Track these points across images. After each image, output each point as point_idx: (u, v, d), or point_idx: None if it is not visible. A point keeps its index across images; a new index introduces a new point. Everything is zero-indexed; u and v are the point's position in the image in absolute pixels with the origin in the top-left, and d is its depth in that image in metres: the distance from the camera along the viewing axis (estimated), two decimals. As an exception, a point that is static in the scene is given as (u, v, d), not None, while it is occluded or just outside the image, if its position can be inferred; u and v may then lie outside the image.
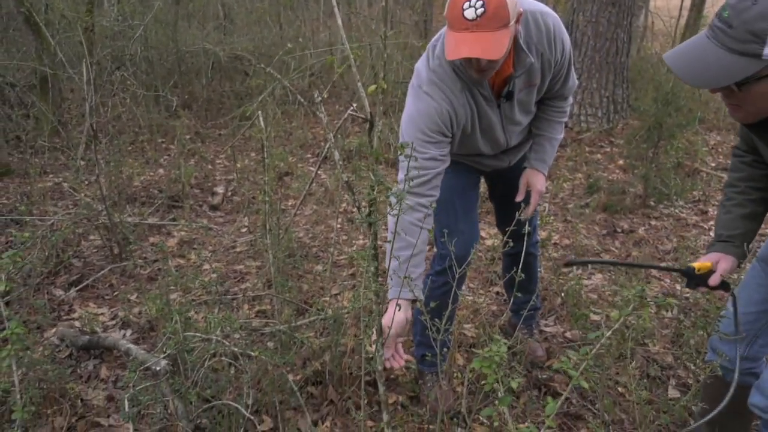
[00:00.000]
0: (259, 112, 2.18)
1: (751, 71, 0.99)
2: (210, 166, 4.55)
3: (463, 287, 2.84)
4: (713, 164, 4.65)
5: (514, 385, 0.90)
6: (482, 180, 2.08)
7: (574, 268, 3.08)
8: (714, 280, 1.38)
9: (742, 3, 0.97)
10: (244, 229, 3.50)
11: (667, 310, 2.70)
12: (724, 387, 1.55)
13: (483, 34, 1.36)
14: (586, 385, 0.92)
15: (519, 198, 1.87)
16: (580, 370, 0.88)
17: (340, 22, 1.16)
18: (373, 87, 1.32)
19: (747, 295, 1.51)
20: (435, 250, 1.99)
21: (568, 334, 2.54)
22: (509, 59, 1.59)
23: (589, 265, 3.15)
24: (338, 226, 3.40)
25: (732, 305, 1.43)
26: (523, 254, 1.68)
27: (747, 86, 1.03)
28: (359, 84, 1.19)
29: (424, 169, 1.57)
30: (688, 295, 2.81)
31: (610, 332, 0.90)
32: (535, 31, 1.58)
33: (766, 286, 1.46)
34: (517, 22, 1.48)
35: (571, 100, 1.90)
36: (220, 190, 4.08)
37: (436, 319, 1.44)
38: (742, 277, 1.55)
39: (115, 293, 2.80)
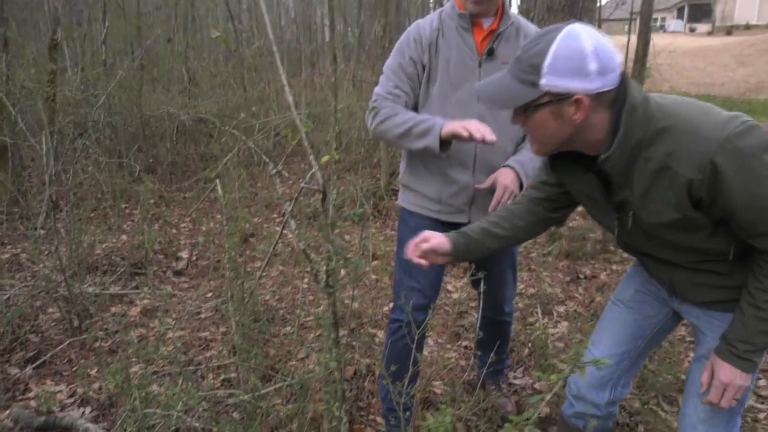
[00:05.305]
0: (217, 180, 2.21)
1: (531, 97, 1.18)
2: (174, 231, 4.52)
3: (430, 341, 2.84)
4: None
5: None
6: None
7: (540, 315, 3.12)
8: (420, 244, 1.48)
9: (529, 44, 1.18)
10: (209, 294, 3.45)
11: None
12: None
13: None
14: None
15: (482, 187, 1.79)
16: (527, 436, 0.89)
17: (290, 98, 1.21)
18: (326, 158, 1.36)
19: (610, 337, 1.55)
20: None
21: (537, 386, 2.55)
22: (497, 18, 1.77)
23: (556, 315, 3.19)
24: (305, 286, 3.39)
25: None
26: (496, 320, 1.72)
27: (530, 112, 1.20)
28: (311, 157, 1.23)
29: (382, 97, 1.80)
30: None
31: (549, 396, 0.93)
32: (524, 21, 1.81)
33: (629, 326, 1.52)
34: None
35: None
36: (184, 254, 4.04)
37: (398, 382, 1.44)
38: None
39: (74, 368, 2.70)
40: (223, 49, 9.20)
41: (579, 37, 1.12)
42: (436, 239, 1.48)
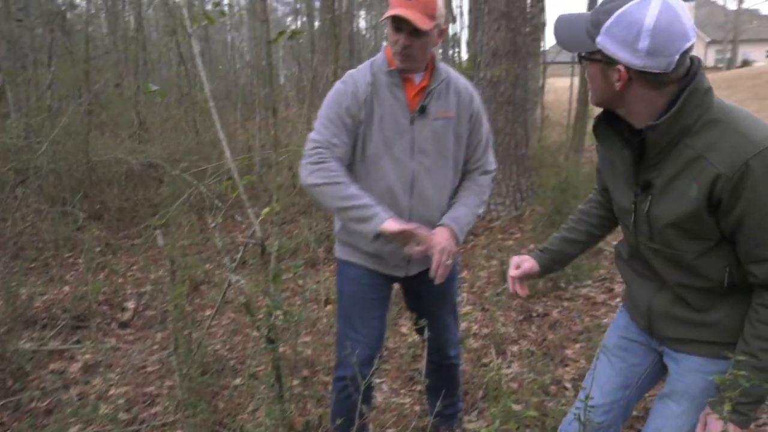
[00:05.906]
0: (158, 231, 2.16)
1: (586, 49, 1.21)
2: (121, 280, 4.36)
3: (384, 386, 2.80)
4: (615, 242, 4.98)
5: None
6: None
7: (495, 356, 3.12)
8: (512, 273, 1.58)
9: None
10: (155, 347, 3.32)
11: (583, 394, 2.76)
12: None
13: (415, 11, 1.62)
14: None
15: (417, 254, 1.71)
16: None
17: (227, 152, 1.21)
18: (267, 209, 1.36)
19: (599, 386, 1.56)
20: None
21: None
22: (428, 74, 1.78)
23: (509, 354, 3.21)
24: (256, 334, 3.31)
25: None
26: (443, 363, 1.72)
27: (585, 62, 1.25)
28: (250, 211, 1.22)
29: (323, 147, 1.73)
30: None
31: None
32: (454, 74, 1.83)
33: (615, 375, 1.54)
34: (439, 36, 1.73)
35: (490, 182, 1.94)
36: (130, 305, 3.89)
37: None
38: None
39: (6, 433, 2.53)
40: (174, 92, 9.15)
41: (647, 9, 1.10)
42: (526, 264, 1.56)
